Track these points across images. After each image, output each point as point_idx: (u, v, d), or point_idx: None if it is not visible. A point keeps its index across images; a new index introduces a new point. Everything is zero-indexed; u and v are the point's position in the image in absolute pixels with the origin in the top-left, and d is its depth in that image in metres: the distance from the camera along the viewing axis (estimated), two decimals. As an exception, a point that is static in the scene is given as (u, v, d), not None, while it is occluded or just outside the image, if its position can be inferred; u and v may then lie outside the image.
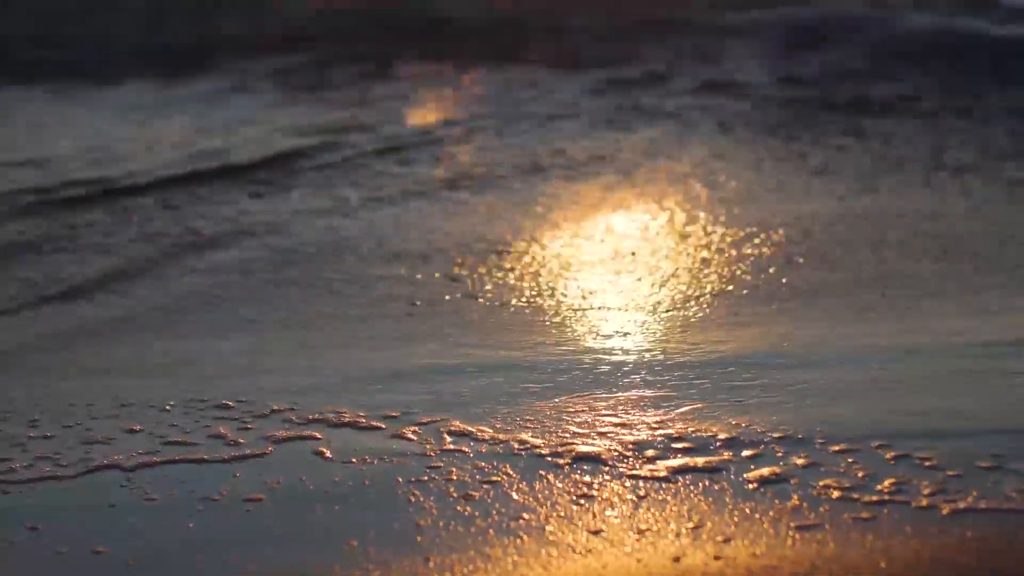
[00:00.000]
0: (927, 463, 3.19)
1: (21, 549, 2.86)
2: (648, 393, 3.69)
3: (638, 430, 3.43)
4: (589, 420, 3.50)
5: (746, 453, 3.27)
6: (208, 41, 11.98)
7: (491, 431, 3.44)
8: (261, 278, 5.10)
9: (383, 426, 3.49)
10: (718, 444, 3.33)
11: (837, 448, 3.29)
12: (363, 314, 4.59)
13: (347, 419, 3.55)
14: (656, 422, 3.48)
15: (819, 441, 3.33)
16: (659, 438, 3.37)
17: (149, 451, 3.35)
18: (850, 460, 3.21)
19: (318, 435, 3.44)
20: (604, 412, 3.55)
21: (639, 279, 4.93)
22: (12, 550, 2.85)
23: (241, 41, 12.00)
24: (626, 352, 4.04)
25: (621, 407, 3.58)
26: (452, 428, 3.47)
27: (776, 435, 3.37)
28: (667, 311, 4.47)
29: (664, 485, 3.11)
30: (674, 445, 3.33)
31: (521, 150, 7.55)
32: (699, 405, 3.59)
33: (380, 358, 4.05)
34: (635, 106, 8.90)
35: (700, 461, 3.23)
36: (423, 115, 9.17)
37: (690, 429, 3.43)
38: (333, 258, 5.36)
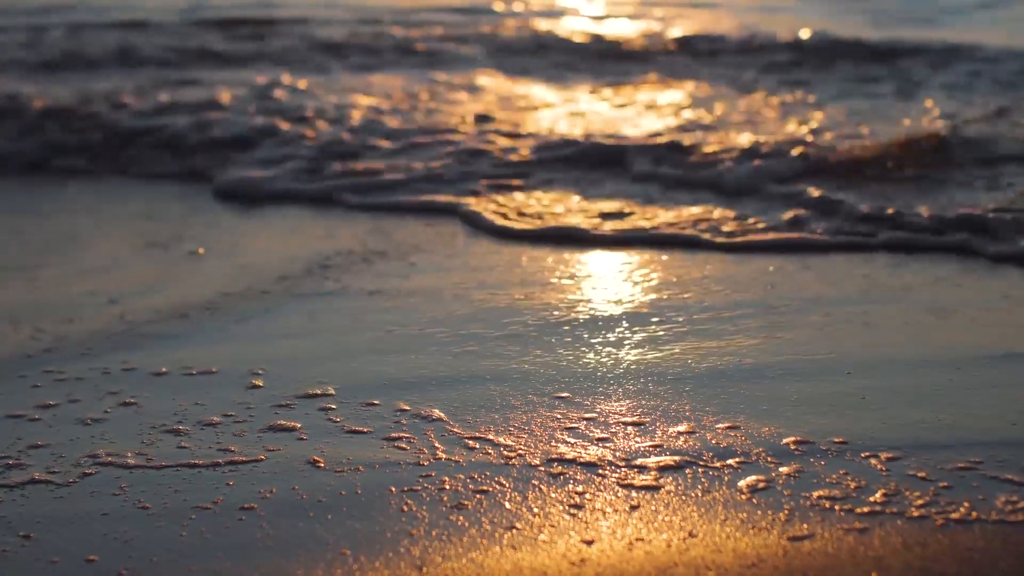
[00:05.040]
0: (919, 474, 3.19)
1: (14, 557, 2.85)
2: (640, 403, 3.69)
3: (630, 440, 3.43)
4: (581, 430, 3.50)
5: (738, 463, 3.27)
6: None
7: (484, 440, 3.44)
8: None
9: (376, 435, 3.50)
10: (710, 454, 3.33)
11: (829, 458, 3.29)
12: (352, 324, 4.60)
13: (340, 427, 3.55)
14: (648, 432, 3.48)
15: (811, 451, 3.34)
16: (651, 448, 3.38)
17: (142, 458, 3.35)
18: (842, 471, 3.22)
19: (311, 444, 3.44)
20: (596, 422, 3.56)
21: (630, 290, 4.94)
22: (4, 559, 2.85)
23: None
24: (617, 362, 4.05)
25: (613, 417, 3.59)
26: (445, 437, 3.47)
27: (768, 445, 3.38)
28: (659, 321, 4.47)
29: (656, 495, 3.12)
30: (666, 455, 3.33)
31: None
32: (691, 414, 3.59)
33: (373, 367, 4.05)
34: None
35: (692, 471, 3.24)
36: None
37: (682, 439, 3.43)
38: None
